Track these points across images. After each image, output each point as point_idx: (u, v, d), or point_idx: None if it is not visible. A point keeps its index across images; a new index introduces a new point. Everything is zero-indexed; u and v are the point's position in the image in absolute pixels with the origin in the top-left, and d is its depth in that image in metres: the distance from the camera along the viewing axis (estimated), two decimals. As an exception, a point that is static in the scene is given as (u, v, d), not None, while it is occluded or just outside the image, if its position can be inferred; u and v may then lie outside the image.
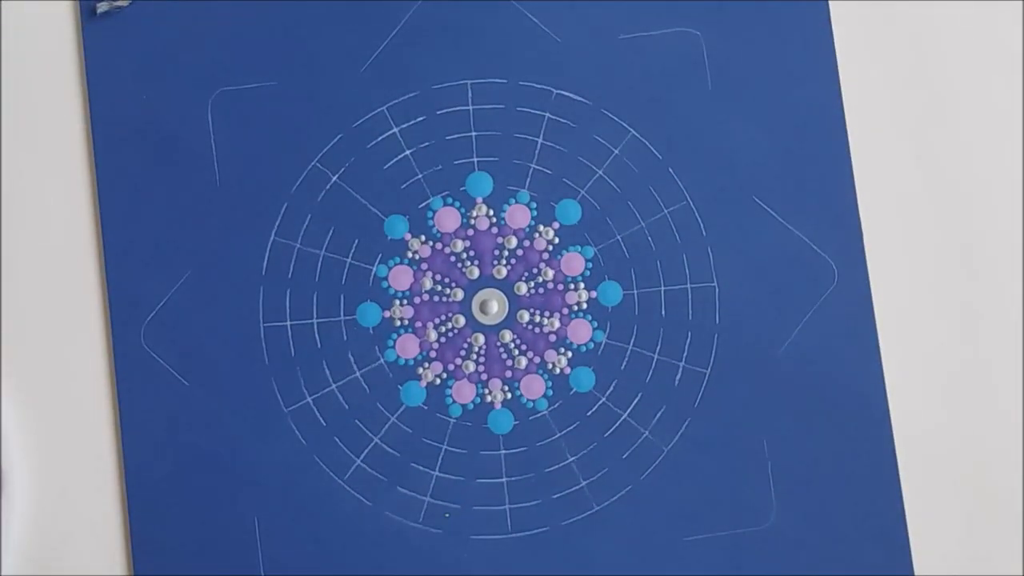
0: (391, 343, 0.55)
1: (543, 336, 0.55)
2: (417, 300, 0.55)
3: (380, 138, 0.55)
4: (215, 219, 0.55)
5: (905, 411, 0.54)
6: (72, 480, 0.54)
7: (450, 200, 0.55)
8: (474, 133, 0.55)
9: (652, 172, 0.55)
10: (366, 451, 0.54)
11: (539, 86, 0.56)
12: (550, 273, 0.55)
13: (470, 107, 0.56)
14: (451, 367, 0.55)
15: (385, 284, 0.55)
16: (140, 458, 0.54)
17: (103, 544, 0.54)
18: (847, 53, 0.55)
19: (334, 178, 0.55)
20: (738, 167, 0.55)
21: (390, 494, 0.54)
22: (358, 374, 0.55)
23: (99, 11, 0.56)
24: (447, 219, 0.55)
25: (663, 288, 0.55)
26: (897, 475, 0.54)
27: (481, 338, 0.55)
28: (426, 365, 0.55)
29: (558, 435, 0.54)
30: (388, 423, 0.54)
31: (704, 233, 0.55)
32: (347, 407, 0.55)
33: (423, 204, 0.55)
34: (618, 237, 0.55)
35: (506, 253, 0.55)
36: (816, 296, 0.54)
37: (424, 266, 0.55)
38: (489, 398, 0.55)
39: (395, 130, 0.55)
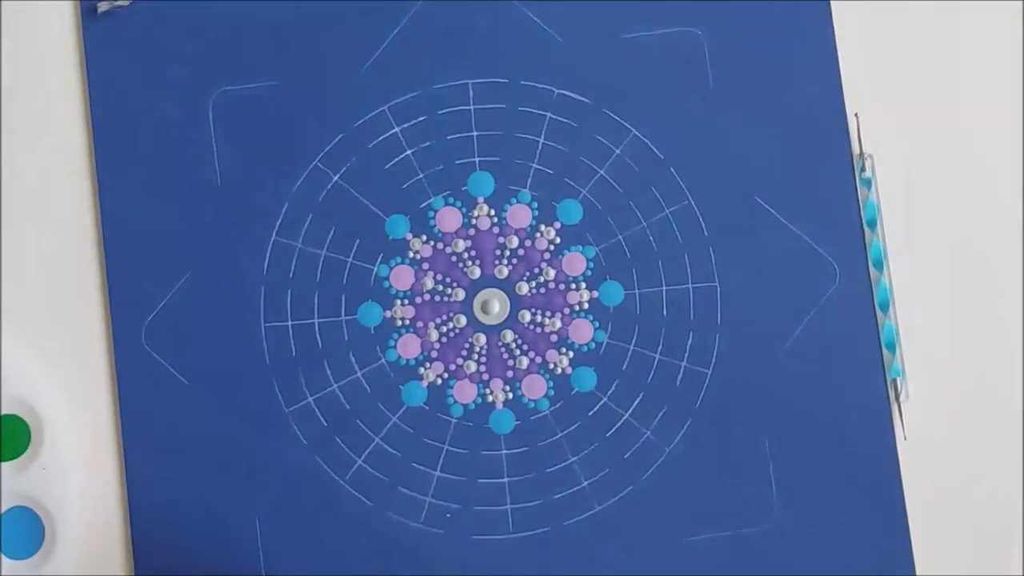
0: (392, 343, 0.55)
1: (544, 336, 0.55)
2: (418, 300, 0.55)
3: (381, 138, 0.55)
4: (216, 219, 0.55)
5: (906, 412, 0.54)
6: (72, 480, 0.54)
7: (451, 200, 0.55)
8: (475, 133, 0.55)
9: (653, 172, 0.55)
10: (367, 451, 0.54)
11: (540, 86, 0.56)
12: (551, 273, 0.55)
13: (471, 107, 0.56)
14: (452, 367, 0.55)
15: (386, 284, 0.55)
16: (141, 458, 0.54)
17: (103, 544, 0.54)
18: (848, 52, 0.55)
19: (335, 178, 0.55)
20: (740, 167, 0.55)
21: (391, 494, 0.54)
22: (359, 374, 0.55)
23: (100, 10, 0.56)
24: (448, 219, 0.55)
25: (664, 288, 0.55)
26: (899, 475, 0.54)
27: (482, 338, 0.55)
28: (427, 365, 0.55)
29: (559, 435, 0.54)
30: (389, 423, 0.54)
31: (706, 233, 0.55)
32: (348, 407, 0.55)
33: (424, 204, 0.55)
34: (619, 237, 0.55)
35: (507, 253, 0.55)
36: (818, 296, 0.54)
37: (425, 266, 0.55)
38: (490, 398, 0.55)
39: (396, 130, 0.55)
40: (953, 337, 0.55)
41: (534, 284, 0.55)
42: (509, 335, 0.55)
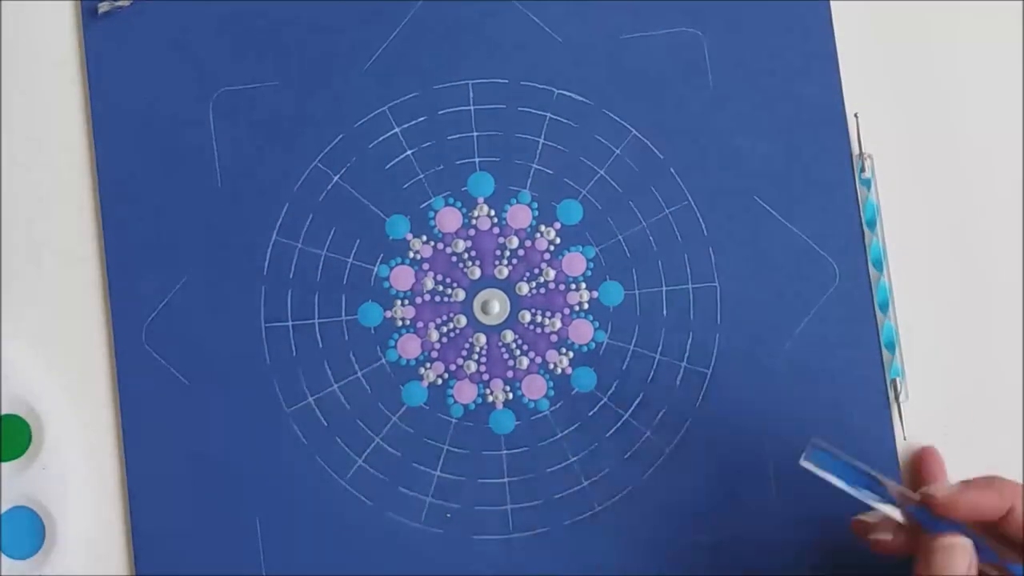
0: (392, 343, 0.55)
1: (544, 336, 0.55)
2: (419, 300, 0.55)
3: (381, 138, 0.55)
4: (217, 219, 0.55)
5: (906, 412, 0.54)
6: (72, 480, 0.54)
7: (451, 200, 0.55)
8: (475, 133, 0.55)
9: (653, 172, 0.55)
10: (368, 451, 0.54)
11: (540, 86, 0.56)
12: (551, 273, 0.55)
13: (471, 107, 0.56)
14: (452, 367, 0.55)
15: (386, 284, 0.55)
16: (141, 458, 0.54)
17: (104, 544, 0.54)
18: (848, 52, 0.55)
19: (335, 178, 0.55)
20: (739, 167, 0.55)
21: (391, 494, 0.54)
22: (359, 374, 0.55)
23: (100, 11, 0.56)
24: (448, 219, 0.55)
25: (664, 288, 0.55)
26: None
27: (483, 338, 0.55)
28: (428, 365, 0.55)
29: (559, 435, 0.54)
30: (389, 423, 0.54)
31: (705, 233, 0.55)
32: (348, 407, 0.55)
33: (424, 204, 0.55)
34: (619, 237, 0.55)
35: (507, 253, 0.55)
36: (818, 296, 0.54)
37: (425, 266, 0.55)
38: (491, 398, 0.55)
39: (396, 130, 0.55)
40: (953, 337, 0.55)
41: (534, 284, 0.55)
42: (509, 335, 0.55)
